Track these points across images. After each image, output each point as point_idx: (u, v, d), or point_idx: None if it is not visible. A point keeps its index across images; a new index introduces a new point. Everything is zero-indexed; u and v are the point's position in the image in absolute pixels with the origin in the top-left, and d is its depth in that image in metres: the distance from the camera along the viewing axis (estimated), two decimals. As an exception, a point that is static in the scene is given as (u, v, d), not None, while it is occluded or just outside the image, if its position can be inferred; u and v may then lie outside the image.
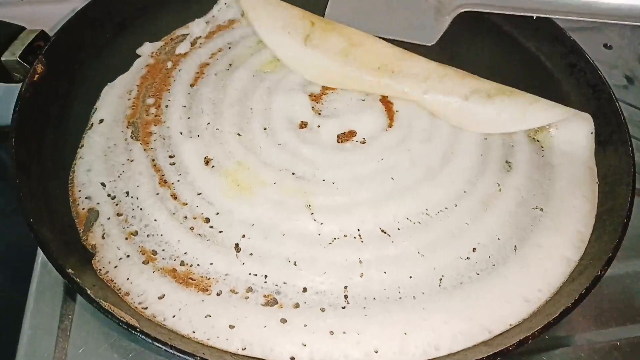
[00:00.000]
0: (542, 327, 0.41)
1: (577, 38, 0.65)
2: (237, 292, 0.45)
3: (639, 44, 0.83)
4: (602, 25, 0.86)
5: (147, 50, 0.63)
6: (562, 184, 0.54)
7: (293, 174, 0.52)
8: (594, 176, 0.55)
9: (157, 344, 0.39)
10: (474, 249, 0.49)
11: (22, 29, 0.57)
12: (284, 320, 0.43)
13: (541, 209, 0.52)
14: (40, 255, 0.53)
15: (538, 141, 0.57)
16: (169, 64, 0.61)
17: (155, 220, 0.49)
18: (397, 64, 0.59)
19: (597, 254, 0.48)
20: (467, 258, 0.48)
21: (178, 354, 0.38)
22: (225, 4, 0.68)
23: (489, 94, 0.56)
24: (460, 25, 0.70)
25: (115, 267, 0.46)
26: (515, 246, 0.49)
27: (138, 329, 0.39)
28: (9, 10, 0.69)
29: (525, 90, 0.61)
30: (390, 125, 0.58)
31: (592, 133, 0.56)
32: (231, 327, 0.43)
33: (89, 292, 0.41)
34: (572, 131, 0.56)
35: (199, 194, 0.50)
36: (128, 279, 0.45)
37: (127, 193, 0.50)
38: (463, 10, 0.58)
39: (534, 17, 0.56)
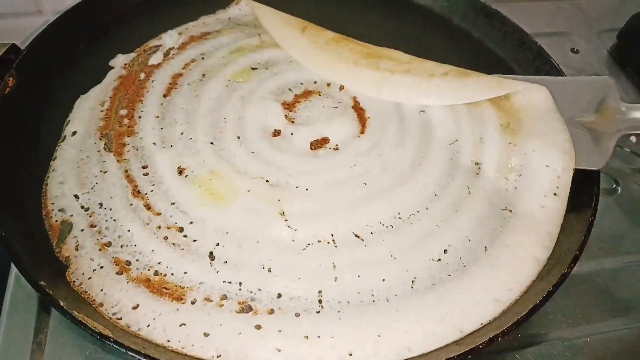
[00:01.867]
0: (511, 325, 0.42)
1: (545, 43, 0.67)
2: (211, 300, 0.45)
3: (605, 48, 0.86)
4: (570, 30, 0.89)
5: (119, 61, 0.63)
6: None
7: (267, 181, 0.53)
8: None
9: (130, 353, 0.39)
10: (445, 251, 0.50)
11: (-8, 42, 0.57)
12: (258, 327, 0.44)
13: (510, 210, 0.53)
14: (14, 269, 0.52)
15: (509, 143, 0.58)
16: (142, 75, 0.61)
17: (129, 230, 0.49)
18: (384, 53, 0.65)
19: (564, 253, 0.49)
20: (439, 260, 0.49)
21: (152, 362, 0.39)
22: (204, 23, 0.69)
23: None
24: (431, 31, 0.72)
25: (89, 278, 0.46)
26: (486, 247, 0.50)
27: (111, 339, 0.39)
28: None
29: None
30: (362, 132, 0.59)
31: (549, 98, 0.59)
32: (206, 335, 0.43)
33: (61, 303, 0.41)
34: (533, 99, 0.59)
35: (172, 203, 0.51)
36: (102, 290, 0.45)
37: (101, 204, 0.50)
38: (623, 134, 0.57)
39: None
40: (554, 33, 0.88)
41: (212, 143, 0.55)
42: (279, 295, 0.46)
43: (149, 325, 0.43)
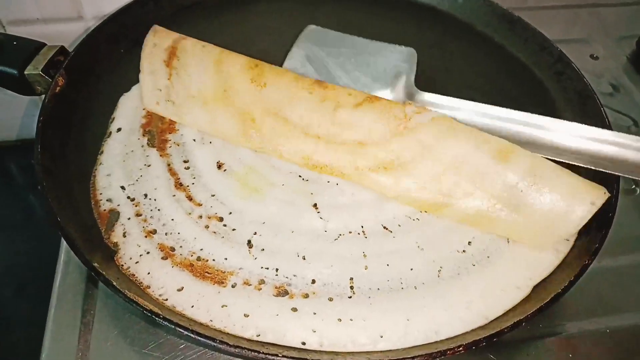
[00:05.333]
0: (535, 310, 0.44)
1: (565, 49, 0.69)
2: (250, 284, 0.48)
3: (624, 55, 0.88)
4: (589, 37, 0.91)
5: (159, 63, 0.67)
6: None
7: (300, 176, 0.56)
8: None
9: (179, 329, 0.42)
10: (469, 243, 0.52)
11: (43, 44, 0.61)
12: (294, 309, 0.47)
13: (532, 206, 0.55)
14: (62, 257, 0.56)
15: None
16: (181, 76, 0.65)
17: (173, 219, 0.52)
18: None
19: (585, 246, 0.51)
20: (464, 251, 0.52)
21: (199, 337, 0.41)
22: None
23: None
24: (453, 36, 0.74)
25: (137, 262, 0.49)
26: (508, 240, 0.53)
27: (161, 316, 0.42)
28: (27, 28, 0.73)
29: (516, 97, 0.65)
30: (390, 131, 0.61)
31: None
32: (246, 315, 0.46)
33: (114, 283, 0.44)
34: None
35: (212, 195, 0.54)
36: (149, 273, 0.48)
37: (146, 195, 0.53)
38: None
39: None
40: (573, 40, 0.90)
41: (247, 140, 0.59)
42: (313, 281, 0.49)
43: (193, 306, 0.46)
